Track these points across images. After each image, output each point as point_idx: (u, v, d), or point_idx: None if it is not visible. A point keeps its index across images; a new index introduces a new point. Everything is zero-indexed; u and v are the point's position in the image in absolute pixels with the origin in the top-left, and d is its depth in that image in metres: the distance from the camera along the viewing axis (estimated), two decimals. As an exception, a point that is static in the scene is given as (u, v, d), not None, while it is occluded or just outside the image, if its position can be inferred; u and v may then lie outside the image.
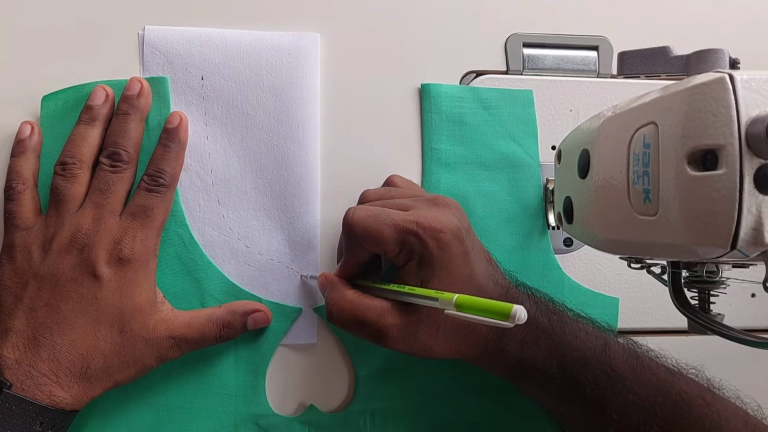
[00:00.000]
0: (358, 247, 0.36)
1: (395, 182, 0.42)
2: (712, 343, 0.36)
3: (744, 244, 0.24)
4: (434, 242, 0.34)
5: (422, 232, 0.34)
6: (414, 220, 0.35)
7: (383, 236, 0.34)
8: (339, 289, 0.37)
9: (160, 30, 0.42)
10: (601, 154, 0.32)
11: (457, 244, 0.35)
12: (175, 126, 0.40)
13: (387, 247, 0.35)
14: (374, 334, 0.35)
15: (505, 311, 0.29)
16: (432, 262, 0.35)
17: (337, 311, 0.36)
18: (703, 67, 0.30)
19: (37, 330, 0.35)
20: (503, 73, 0.46)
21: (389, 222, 0.35)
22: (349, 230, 0.36)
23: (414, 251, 0.35)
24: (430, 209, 0.36)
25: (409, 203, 0.37)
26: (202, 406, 0.41)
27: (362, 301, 0.35)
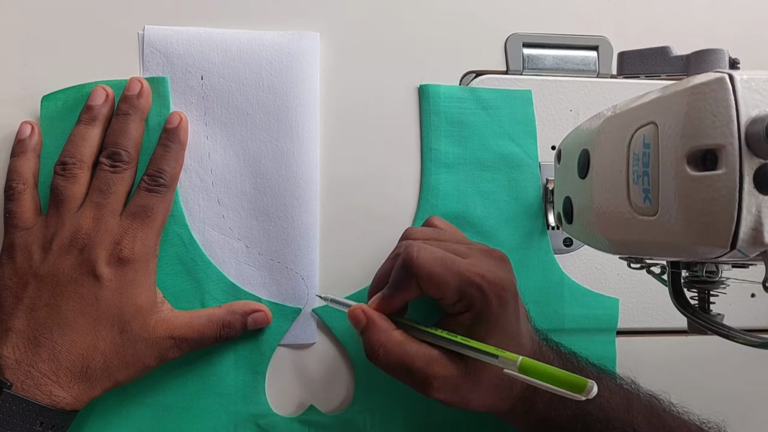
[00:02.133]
0: (414, 286, 0.35)
1: (437, 224, 0.41)
2: (712, 343, 0.36)
3: (744, 244, 0.24)
4: (496, 299, 0.34)
5: (487, 286, 0.34)
6: (480, 273, 0.34)
7: (447, 283, 0.34)
8: (385, 330, 0.35)
9: (160, 30, 0.42)
10: (601, 154, 0.32)
11: (514, 303, 0.35)
12: (176, 126, 0.40)
13: (447, 294, 0.34)
14: (419, 382, 0.34)
15: (579, 385, 0.30)
16: (489, 318, 0.34)
17: (384, 353, 0.34)
18: (703, 67, 0.30)
19: (37, 330, 0.35)
20: (503, 73, 0.46)
21: (455, 269, 0.34)
22: (412, 269, 0.34)
23: (474, 304, 0.34)
24: (491, 263, 0.36)
25: (465, 250, 0.36)
26: (202, 406, 0.41)
27: (411, 346, 0.35)
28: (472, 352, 0.34)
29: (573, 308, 0.45)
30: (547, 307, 0.44)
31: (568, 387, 0.30)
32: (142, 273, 0.37)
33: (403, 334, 0.35)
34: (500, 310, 0.34)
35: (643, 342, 0.39)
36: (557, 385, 0.30)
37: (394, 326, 0.36)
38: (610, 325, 0.45)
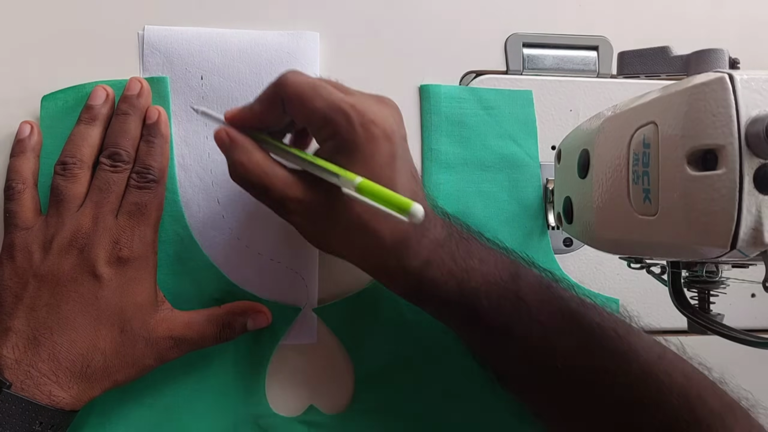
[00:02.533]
0: (278, 105, 0.34)
1: None
2: (712, 343, 0.36)
3: (744, 244, 0.24)
4: (363, 131, 0.33)
5: (355, 116, 0.33)
6: (351, 103, 0.33)
7: (312, 105, 0.33)
8: (246, 148, 0.34)
9: (160, 30, 0.42)
10: (601, 154, 0.32)
11: (386, 144, 0.34)
12: (155, 121, 0.40)
13: (312, 118, 0.34)
14: (276, 203, 0.35)
15: (404, 206, 0.29)
16: (353, 149, 0.33)
17: (243, 173, 0.34)
18: (703, 67, 0.30)
19: (37, 330, 0.35)
20: (503, 73, 0.46)
21: (325, 94, 0.33)
22: (280, 87, 0.34)
23: (338, 132, 0.33)
24: (373, 102, 0.35)
25: (354, 91, 0.36)
26: (202, 406, 0.41)
27: (270, 167, 0.34)
28: (313, 167, 0.33)
29: None
30: (547, 307, 0.44)
31: (397, 209, 0.29)
32: (143, 271, 0.37)
33: (265, 155, 0.35)
34: (366, 144, 0.33)
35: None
36: (388, 206, 0.29)
37: (257, 147, 0.35)
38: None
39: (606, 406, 0.35)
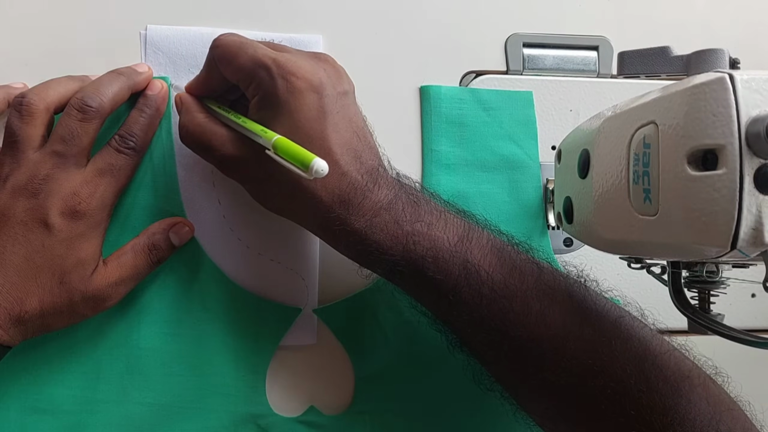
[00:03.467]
0: (215, 68, 0.36)
1: None
2: (712, 343, 0.36)
3: (744, 244, 0.24)
4: (283, 83, 0.33)
5: (275, 69, 0.33)
6: (273, 57, 0.34)
7: (238, 62, 0.34)
8: (191, 112, 0.36)
9: (162, 29, 0.42)
10: (601, 154, 0.32)
11: (312, 97, 0.33)
12: (155, 93, 0.40)
13: (239, 76, 0.35)
14: (216, 160, 0.36)
15: (306, 161, 0.28)
16: (276, 103, 0.33)
17: (185, 134, 0.36)
18: (703, 67, 0.30)
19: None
20: (503, 73, 0.46)
21: (250, 52, 0.34)
22: (210, 49, 0.36)
23: (261, 86, 0.34)
24: (301, 56, 0.35)
25: (289, 49, 0.36)
26: (202, 406, 0.41)
27: (209, 126, 0.36)
28: (241, 129, 0.34)
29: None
30: (547, 308, 0.44)
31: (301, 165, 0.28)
32: (93, 229, 0.37)
33: (208, 116, 0.36)
34: (289, 96, 0.33)
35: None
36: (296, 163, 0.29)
37: (202, 110, 0.37)
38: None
39: (558, 372, 0.34)
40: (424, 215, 0.35)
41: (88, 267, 0.36)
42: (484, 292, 0.34)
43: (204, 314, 0.41)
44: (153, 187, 0.41)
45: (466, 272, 0.34)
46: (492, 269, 0.35)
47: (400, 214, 0.35)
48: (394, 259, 0.35)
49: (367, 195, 0.34)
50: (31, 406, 0.39)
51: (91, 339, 0.40)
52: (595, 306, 0.35)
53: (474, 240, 0.35)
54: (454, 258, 0.34)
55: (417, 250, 0.34)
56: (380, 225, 0.34)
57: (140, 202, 0.41)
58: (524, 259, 0.36)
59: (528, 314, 0.34)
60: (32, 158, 0.35)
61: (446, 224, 0.35)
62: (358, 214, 0.34)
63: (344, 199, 0.34)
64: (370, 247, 0.35)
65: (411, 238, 0.34)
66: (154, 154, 0.41)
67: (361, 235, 0.34)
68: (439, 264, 0.34)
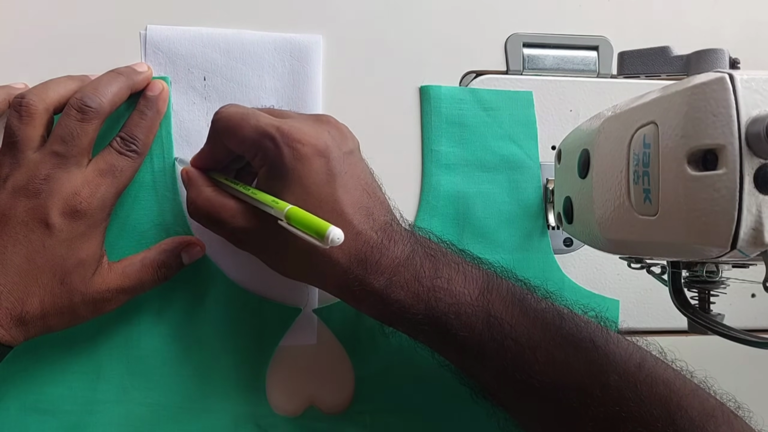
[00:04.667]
0: (218, 141, 0.36)
1: None
2: (712, 343, 0.36)
3: (744, 244, 0.24)
4: (290, 151, 0.33)
5: (280, 138, 0.33)
6: (277, 126, 0.34)
7: (242, 134, 0.34)
8: (198, 186, 0.36)
9: (163, 30, 0.42)
10: (601, 154, 0.32)
11: (320, 162, 0.33)
12: (156, 94, 0.39)
13: (244, 147, 0.35)
14: (228, 234, 0.36)
15: (321, 230, 0.28)
16: (285, 173, 0.33)
17: (194, 209, 0.36)
18: (703, 67, 0.30)
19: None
20: (503, 73, 0.46)
21: (253, 122, 0.34)
22: (213, 122, 0.36)
23: (268, 157, 0.34)
24: (304, 121, 0.35)
25: (290, 114, 0.36)
26: (202, 406, 0.41)
27: (218, 200, 0.35)
28: (253, 201, 0.33)
29: (573, 309, 0.45)
30: (547, 308, 0.44)
31: (316, 234, 0.28)
32: (93, 229, 0.37)
33: (216, 190, 0.36)
34: (297, 164, 0.33)
35: (643, 342, 0.39)
36: (310, 233, 0.28)
37: (209, 183, 0.37)
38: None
39: (586, 420, 0.34)
40: (443, 269, 0.35)
41: (89, 267, 0.36)
42: (508, 345, 0.34)
43: (204, 314, 0.41)
44: (153, 187, 0.41)
45: (489, 326, 0.34)
46: (515, 321, 0.34)
47: (419, 269, 0.35)
48: (417, 318, 0.35)
49: (383, 252, 0.34)
50: (31, 406, 0.39)
51: (92, 339, 0.40)
52: (618, 350, 0.35)
53: (495, 291, 0.35)
54: (476, 312, 0.34)
55: (439, 307, 0.34)
56: (400, 283, 0.34)
57: (140, 202, 0.41)
58: (545, 308, 0.36)
59: (553, 364, 0.34)
60: (32, 158, 0.35)
61: (465, 278, 0.35)
62: (376, 272, 0.34)
63: (361, 259, 0.34)
64: (392, 306, 0.35)
65: (433, 295, 0.34)
66: (154, 154, 0.41)
67: (382, 295, 0.34)
68: (462, 319, 0.34)
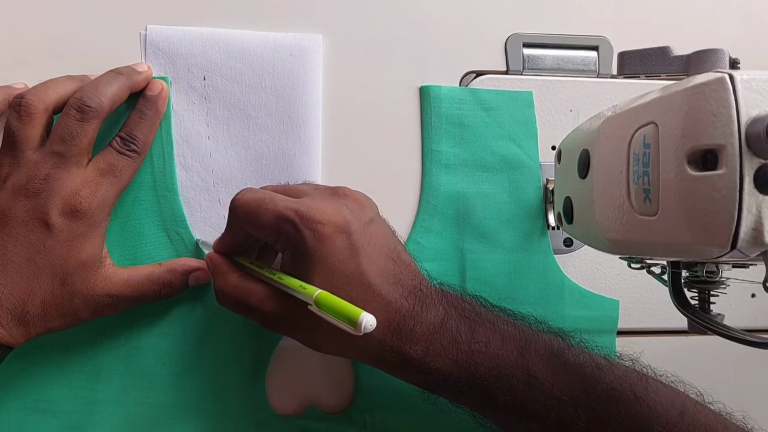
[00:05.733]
0: (238, 227, 0.36)
1: None
2: (712, 343, 0.36)
3: (744, 244, 0.24)
4: (310, 233, 0.33)
5: (299, 221, 0.33)
6: (295, 208, 0.33)
7: (261, 221, 0.34)
8: (223, 273, 0.36)
9: (163, 30, 0.42)
10: (601, 154, 0.32)
11: (341, 238, 0.33)
12: (156, 94, 0.39)
13: (264, 233, 0.34)
14: (259, 319, 0.35)
15: (352, 317, 0.27)
16: (307, 254, 0.33)
17: (222, 297, 0.36)
18: (703, 67, 0.30)
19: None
20: (503, 73, 0.46)
21: (271, 207, 0.34)
22: (231, 210, 0.36)
23: (290, 241, 0.33)
24: (321, 199, 0.35)
25: (306, 190, 0.36)
26: (202, 406, 0.41)
27: (245, 285, 0.35)
28: (283, 287, 0.33)
29: (573, 309, 0.45)
30: (546, 308, 0.44)
31: (347, 321, 0.28)
32: (94, 229, 0.36)
33: (241, 276, 0.36)
34: (319, 245, 0.33)
35: (643, 342, 0.39)
36: (341, 319, 0.28)
37: (234, 269, 0.36)
38: (610, 326, 0.45)
39: None
40: (479, 331, 0.35)
41: (90, 269, 0.36)
42: (551, 404, 0.34)
43: (204, 314, 0.41)
44: (153, 187, 0.41)
45: (531, 386, 0.34)
46: (555, 379, 0.34)
47: (456, 334, 0.34)
48: (459, 385, 0.34)
49: (417, 320, 0.34)
50: (31, 406, 0.39)
51: (92, 339, 0.40)
52: (658, 399, 0.35)
53: (533, 350, 0.35)
54: (517, 374, 0.34)
55: (479, 372, 0.34)
56: (438, 350, 0.34)
57: (140, 202, 0.41)
58: (584, 362, 0.35)
59: (597, 420, 0.34)
60: (32, 158, 0.35)
61: (503, 338, 0.35)
62: (412, 341, 0.34)
63: (395, 329, 0.34)
64: (432, 375, 0.35)
65: (472, 360, 0.34)
66: (154, 154, 0.41)
67: (421, 364, 0.34)
68: (502, 381, 0.34)
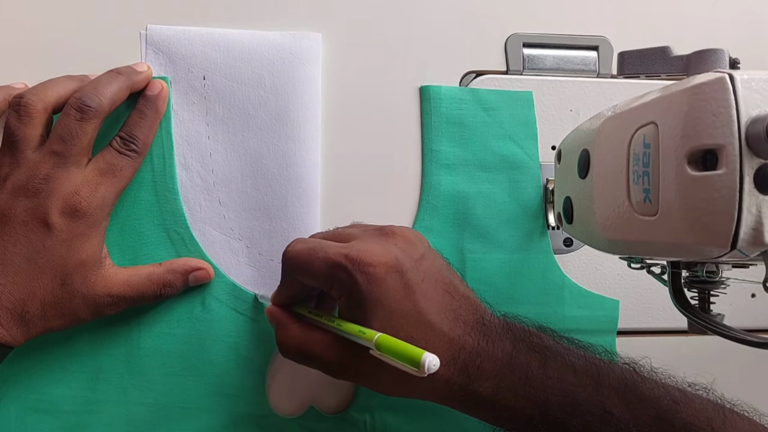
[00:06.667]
0: (292, 278, 0.36)
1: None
2: (712, 343, 0.36)
3: (744, 244, 0.24)
4: (363, 277, 0.32)
5: (350, 265, 0.32)
6: (345, 254, 0.33)
7: (313, 270, 0.33)
8: (285, 326, 0.36)
9: (163, 29, 0.42)
10: (601, 154, 0.32)
11: (394, 278, 0.33)
12: (156, 94, 0.39)
13: (318, 282, 0.34)
14: (323, 367, 0.35)
15: (415, 358, 0.27)
16: (362, 299, 0.32)
17: (286, 349, 0.35)
18: (703, 67, 0.30)
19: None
20: (503, 73, 0.46)
21: (322, 255, 0.33)
22: (283, 262, 0.35)
23: (343, 287, 0.33)
24: (370, 240, 0.34)
25: (355, 233, 0.36)
26: (202, 407, 0.41)
27: (306, 335, 0.35)
28: (343, 333, 0.32)
29: (573, 310, 0.45)
30: (547, 309, 0.44)
31: (410, 363, 0.27)
32: (93, 229, 0.36)
33: (302, 326, 0.35)
34: (373, 287, 0.32)
35: (643, 342, 0.39)
36: (403, 361, 0.27)
37: (294, 320, 0.36)
38: (610, 326, 0.45)
39: None
40: (550, 365, 0.34)
41: (89, 269, 0.36)
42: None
43: (204, 314, 0.41)
44: (153, 187, 0.41)
45: (606, 423, 0.33)
46: (631, 414, 0.33)
47: (526, 369, 0.34)
48: (533, 422, 0.34)
49: (483, 356, 0.33)
50: (31, 406, 0.39)
51: (92, 339, 0.40)
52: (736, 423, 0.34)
53: (606, 384, 0.34)
54: (592, 409, 0.33)
55: (553, 409, 0.33)
56: (509, 387, 0.33)
57: (140, 202, 0.41)
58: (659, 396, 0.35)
59: None
60: (31, 158, 0.35)
61: (576, 372, 0.34)
62: (480, 378, 0.33)
63: (461, 367, 0.33)
64: (503, 413, 0.34)
65: (545, 396, 0.33)
66: (154, 154, 0.41)
67: (491, 402, 0.34)
68: (577, 418, 0.33)
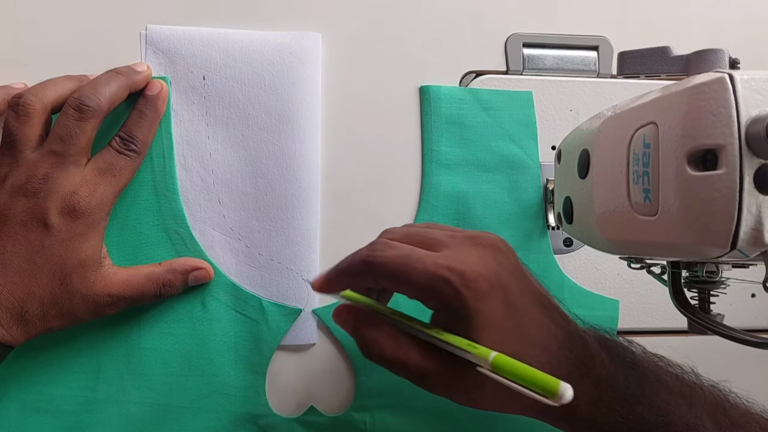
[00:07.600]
0: (370, 279, 0.33)
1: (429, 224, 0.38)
2: (712, 343, 0.36)
3: (744, 244, 0.24)
4: (469, 293, 0.30)
5: (456, 280, 0.30)
6: (446, 265, 0.31)
7: (412, 281, 0.31)
8: (375, 325, 0.33)
9: (162, 29, 0.42)
10: (601, 154, 0.32)
11: (498, 294, 0.31)
12: (155, 94, 0.39)
13: (413, 293, 0.32)
14: (417, 377, 0.32)
15: (551, 388, 0.26)
16: (467, 314, 0.30)
17: (378, 349, 0.32)
18: (703, 67, 0.30)
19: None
20: (503, 73, 0.46)
21: (420, 267, 0.31)
22: (372, 267, 0.32)
23: (446, 301, 0.31)
24: (464, 251, 0.32)
25: (441, 239, 0.33)
26: (202, 406, 0.41)
27: (405, 340, 0.32)
28: (448, 346, 0.30)
29: (573, 309, 0.45)
30: (547, 308, 0.44)
31: (540, 389, 0.26)
32: (92, 228, 0.36)
33: (393, 329, 0.33)
34: (479, 304, 0.30)
35: (643, 342, 0.39)
36: (531, 386, 0.27)
37: (384, 321, 0.33)
38: (610, 326, 0.45)
39: None
40: (646, 383, 0.34)
41: (89, 268, 0.36)
42: None
43: (204, 314, 0.41)
44: (153, 187, 0.41)
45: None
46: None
47: (623, 386, 0.33)
48: None
49: (582, 371, 0.33)
50: (31, 406, 0.39)
51: (91, 339, 0.40)
52: None
53: (698, 403, 0.34)
54: (686, 429, 0.33)
55: (648, 427, 0.33)
56: (607, 403, 0.33)
57: (140, 202, 0.41)
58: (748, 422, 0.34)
59: None
60: (30, 158, 0.35)
61: (670, 391, 0.34)
62: (579, 393, 0.31)
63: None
64: (602, 428, 0.33)
65: (641, 414, 0.33)
66: (154, 154, 0.41)
67: (589, 419, 0.33)
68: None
